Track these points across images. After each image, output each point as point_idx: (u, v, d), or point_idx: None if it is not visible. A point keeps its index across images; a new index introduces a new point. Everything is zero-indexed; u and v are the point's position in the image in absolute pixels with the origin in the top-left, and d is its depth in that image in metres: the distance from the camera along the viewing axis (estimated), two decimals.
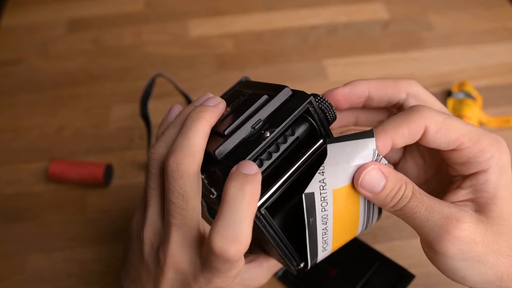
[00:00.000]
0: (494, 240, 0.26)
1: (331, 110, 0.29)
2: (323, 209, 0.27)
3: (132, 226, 0.30)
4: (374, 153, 0.27)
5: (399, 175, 0.27)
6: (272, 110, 0.28)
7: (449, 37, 0.67)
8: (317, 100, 0.29)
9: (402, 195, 0.27)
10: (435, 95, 0.59)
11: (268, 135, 0.27)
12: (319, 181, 0.26)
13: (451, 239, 0.25)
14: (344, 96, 0.31)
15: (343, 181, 0.27)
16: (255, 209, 0.24)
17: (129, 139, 0.57)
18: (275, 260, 0.33)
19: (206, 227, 0.27)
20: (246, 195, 0.23)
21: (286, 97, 0.28)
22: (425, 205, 0.26)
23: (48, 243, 0.48)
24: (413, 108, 0.27)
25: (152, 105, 0.59)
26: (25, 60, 0.66)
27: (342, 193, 0.27)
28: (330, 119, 0.29)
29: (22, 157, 0.55)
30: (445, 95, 0.59)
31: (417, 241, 0.46)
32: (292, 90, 0.29)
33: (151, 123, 0.56)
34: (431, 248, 0.27)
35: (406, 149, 0.34)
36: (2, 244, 0.48)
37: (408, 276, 0.42)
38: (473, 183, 0.27)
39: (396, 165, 0.35)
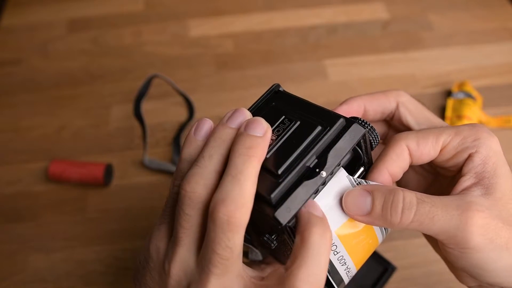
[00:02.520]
0: (511, 222, 0.26)
1: (377, 137, 0.28)
2: (335, 252, 0.27)
3: (150, 252, 0.27)
4: (350, 180, 0.27)
5: (386, 186, 0.26)
6: (326, 145, 0.26)
7: (449, 37, 0.67)
8: (368, 130, 0.28)
9: (404, 204, 0.25)
10: (435, 95, 0.60)
11: (324, 175, 0.25)
12: None
13: (479, 230, 0.25)
14: (343, 114, 0.31)
15: (340, 218, 0.27)
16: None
17: (129, 139, 0.57)
18: None
19: (247, 271, 0.26)
20: (328, 242, 0.23)
21: (340, 129, 0.26)
22: (440, 205, 0.25)
23: (48, 243, 0.48)
24: (391, 138, 0.30)
25: (151, 106, 0.60)
26: (25, 60, 0.66)
27: (346, 229, 0.27)
28: (374, 146, 0.29)
29: (22, 157, 0.55)
30: (445, 95, 0.59)
31: (417, 241, 0.46)
32: (344, 118, 0.27)
33: (145, 123, 0.56)
34: (458, 248, 0.26)
35: None
36: (2, 244, 0.48)
37: (391, 268, 0.43)
38: (471, 166, 0.28)
39: None
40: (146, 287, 0.28)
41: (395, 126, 0.34)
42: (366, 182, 0.28)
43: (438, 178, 0.32)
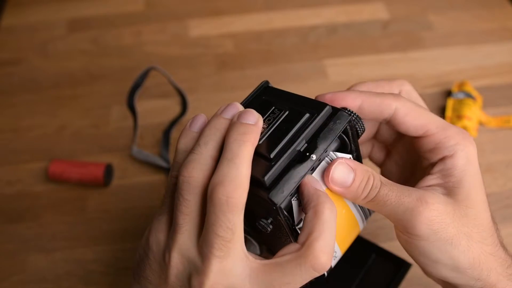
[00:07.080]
0: (463, 223, 0.28)
1: (362, 126, 0.30)
2: None
3: (150, 244, 0.27)
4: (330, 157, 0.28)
5: (365, 167, 0.29)
6: (315, 130, 0.27)
7: (449, 37, 0.67)
8: (353, 117, 0.29)
9: (372, 186, 0.28)
10: (435, 95, 0.60)
11: (314, 158, 0.26)
12: (299, 206, 0.27)
13: (423, 219, 0.27)
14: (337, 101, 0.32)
15: None
16: None
17: (129, 139, 0.56)
18: None
19: (250, 255, 0.26)
20: (336, 215, 0.26)
21: (327, 116, 0.28)
22: (395, 191, 0.28)
23: (48, 243, 0.48)
24: (392, 93, 0.31)
25: (150, 105, 0.60)
26: (25, 60, 0.66)
27: None
28: (360, 134, 0.30)
29: (22, 157, 0.55)
30: (445, 95, 0.59)
31: None
32: (330, 106, 0.28)
33: (137, 114, 0.56)
34: (405, 232, 0.28)
35: (389, 151, 0.37)
36: (2, 244, 0.48)
37: (405, 265, 0.43)
38: (441, 168, 0.29)
39: (381, 166, 0.38)
40: (146, 281, 0.28)
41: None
42: (343, 154, 0.29)
43: (415, 173, 0.34)
